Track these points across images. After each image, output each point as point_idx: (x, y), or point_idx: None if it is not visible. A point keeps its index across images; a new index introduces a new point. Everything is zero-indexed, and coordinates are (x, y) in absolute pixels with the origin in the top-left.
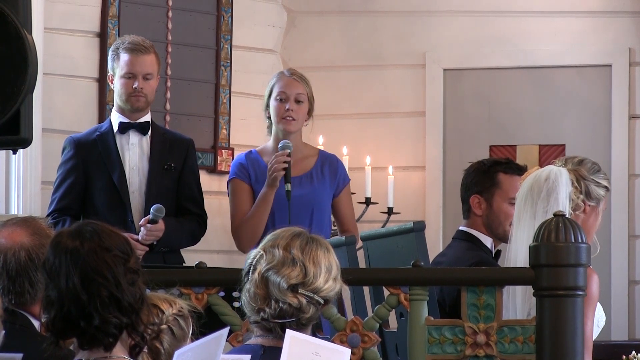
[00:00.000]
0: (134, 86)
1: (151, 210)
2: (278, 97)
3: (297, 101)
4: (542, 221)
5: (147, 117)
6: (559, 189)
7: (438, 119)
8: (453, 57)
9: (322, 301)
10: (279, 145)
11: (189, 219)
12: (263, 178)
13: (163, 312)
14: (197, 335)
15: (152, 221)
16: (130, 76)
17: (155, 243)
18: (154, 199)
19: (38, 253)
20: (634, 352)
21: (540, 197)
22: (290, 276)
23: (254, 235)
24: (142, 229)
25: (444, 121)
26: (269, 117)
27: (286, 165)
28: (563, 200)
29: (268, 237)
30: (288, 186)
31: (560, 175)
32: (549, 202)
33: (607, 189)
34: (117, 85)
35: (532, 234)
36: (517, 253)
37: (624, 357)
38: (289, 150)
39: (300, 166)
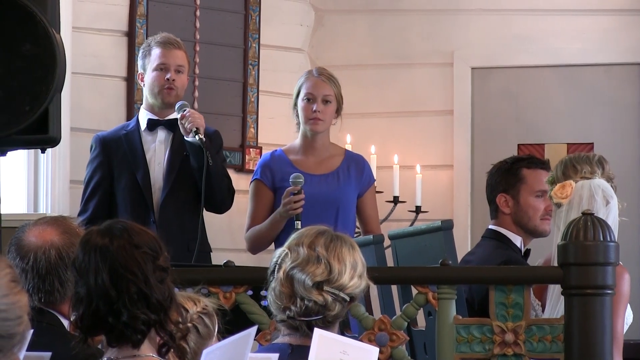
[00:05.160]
0: (166, 77)
1: (176, 108)
2: (305, 98)
3: (325, 101)
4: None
5: (175, 115)
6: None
7: (466, 118)
8: (481, 55)
9: (347, 298)
10: (290, 180)
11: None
12: (289, 177)
13: (187, 311)
14: (222, 333)
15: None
16: (162, 67)
17: (202, 143)
18: (172, 189)
19: (68, 252)
20: None
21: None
22: (315, 274)
23: (259, 247)
24: (184, 119)
25: (472, 120)
26: (297, 116)
27: (302, 203)
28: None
29: (293, 235)
30: (298, 224)
31: (611, 196)
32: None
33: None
34: (148, 80)
35: None
36: None
37: None
38: (300, 187)
39: (326, 165)
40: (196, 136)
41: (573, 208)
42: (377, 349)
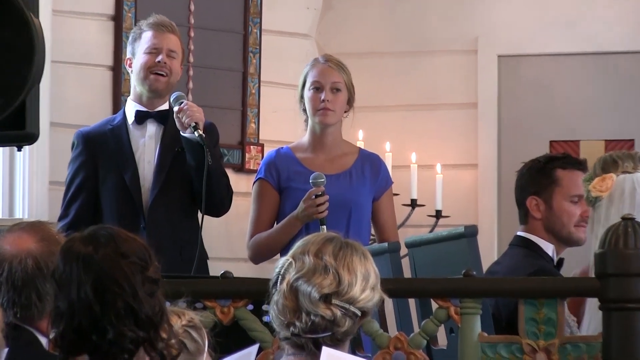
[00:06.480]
0: (157, 60)
1: (171, 100)
2: (312, 87)
3: (334, 89)
4: None
5: (166, 106)
6: None
7: (492, 111)
8: (508, 42)
9: (359, 313)
10: (310, 180)
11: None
12: (296, 176)
13: (171, 326)
14: (214, 348)
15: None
16: (153, 51)
17: (203, 140)
18: (163, 189)
19: (47, 261)
20: None
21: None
22: (322, 285)
23: (266, 255)
24: (181, 112)
25: (498, 114)
26: (304, 110)
27: (327, 206)
28: None
29: (298, 243)
30: (323, 229)
31: None
32: None
33: None
34: (136, 65)
35: None
36: None
37: None
38: (323, 187)
39: (338, 163)
40: (195, 132)
41: (614, 203)
42: None
